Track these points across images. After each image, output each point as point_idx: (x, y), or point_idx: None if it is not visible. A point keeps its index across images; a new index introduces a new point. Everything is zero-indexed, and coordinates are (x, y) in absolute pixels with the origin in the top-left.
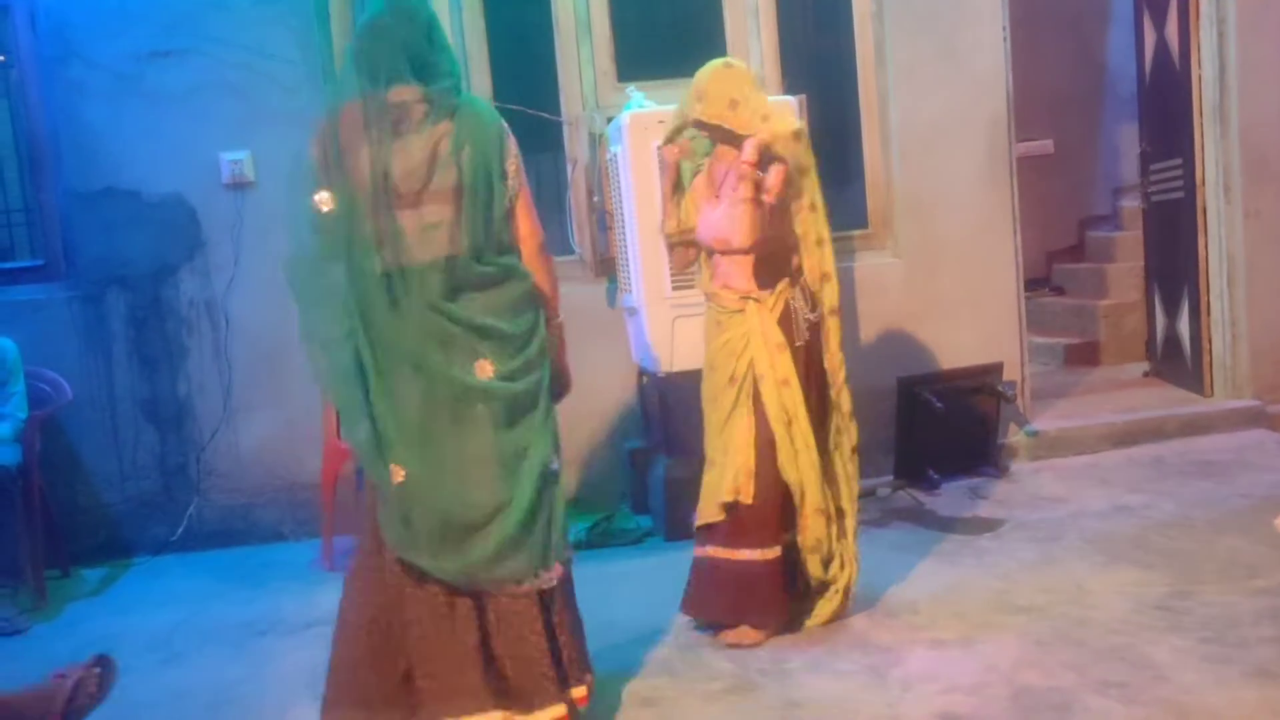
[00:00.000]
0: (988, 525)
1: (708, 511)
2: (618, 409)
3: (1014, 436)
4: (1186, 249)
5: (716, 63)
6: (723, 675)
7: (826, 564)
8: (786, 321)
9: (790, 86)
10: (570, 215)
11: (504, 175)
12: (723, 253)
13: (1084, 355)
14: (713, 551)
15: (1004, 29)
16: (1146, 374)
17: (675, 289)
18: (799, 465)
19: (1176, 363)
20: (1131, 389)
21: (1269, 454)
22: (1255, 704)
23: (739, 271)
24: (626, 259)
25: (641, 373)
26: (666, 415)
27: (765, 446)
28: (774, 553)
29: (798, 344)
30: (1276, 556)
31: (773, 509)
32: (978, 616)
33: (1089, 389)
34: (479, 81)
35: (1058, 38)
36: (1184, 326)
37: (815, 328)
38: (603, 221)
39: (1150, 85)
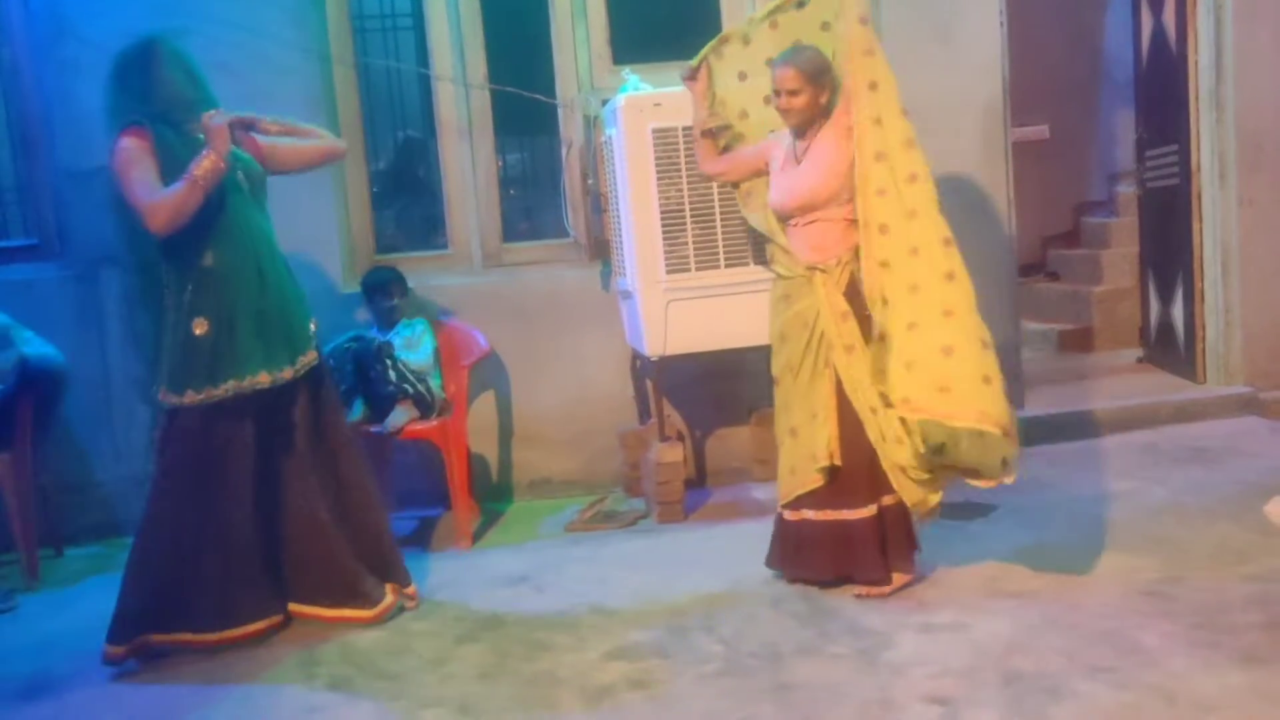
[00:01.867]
0: (979, 510)
1: (803, 479)
2: (611, 392)
3: None
4: (1181, 236)
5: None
6: (714, 658)
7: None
8: (852, 292)
9: None
10: (565, 198)
11: None
12: (795, 221)
13: (1078, 341)
14: (811, 515)
15: (1001, 14)
16: (1140, 360)
17: (670, 272)
18: (874, 428)
19: (1170, 349)
20: (1125, 375)
21: (1260, 440)
22: (1243, 689)
23: (805, 243)
24: (621, 242)
25: (635, 356)
26: (660, 399)
27: (846, 411)
28: (869, 512)
29: (866, 313)
30: (1266, 543)
31: (864, 470)
32: (969, 601)
33: (1082, 375)
34: (473, 64)
35: (1055, 23)
36: (1178, 313)
37: None
38: (597, 204)
39: (1147, 71)
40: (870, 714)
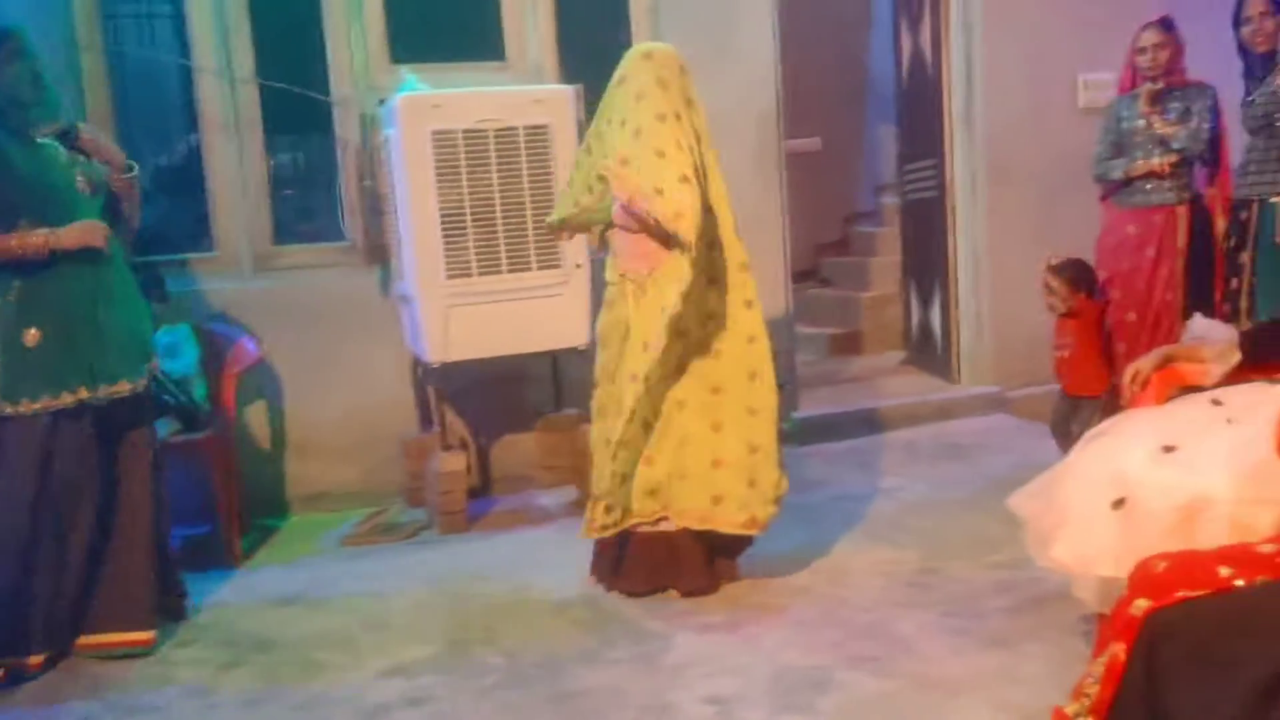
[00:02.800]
0: None
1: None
2: (392, 400)
3: (781, 424)
4: (938, 245)
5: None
6: (494, 670)
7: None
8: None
9: (568, 76)
10: (341, 200)
11: None
12: (619, 225)
13: (848, 344)
14: (634, 527)
15: (774, 28)
16: (903, 362)
17: (450, 277)
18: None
19: (929, 352)
20: (890, 376)
21: (1009, 436)
22: (991, 672)
23: (623, 249)
24: (400, 246)
25: (417, 362)
26: (442, 406)
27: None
28: None
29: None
30: (1012, 533)
31: None
32: (746, 599)
33: (852, 377)
34: (239, 57)
35: (825, 39)
36: (936, 318)
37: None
38: (375, 206)
39: (907, 89)
40: (649, 717)
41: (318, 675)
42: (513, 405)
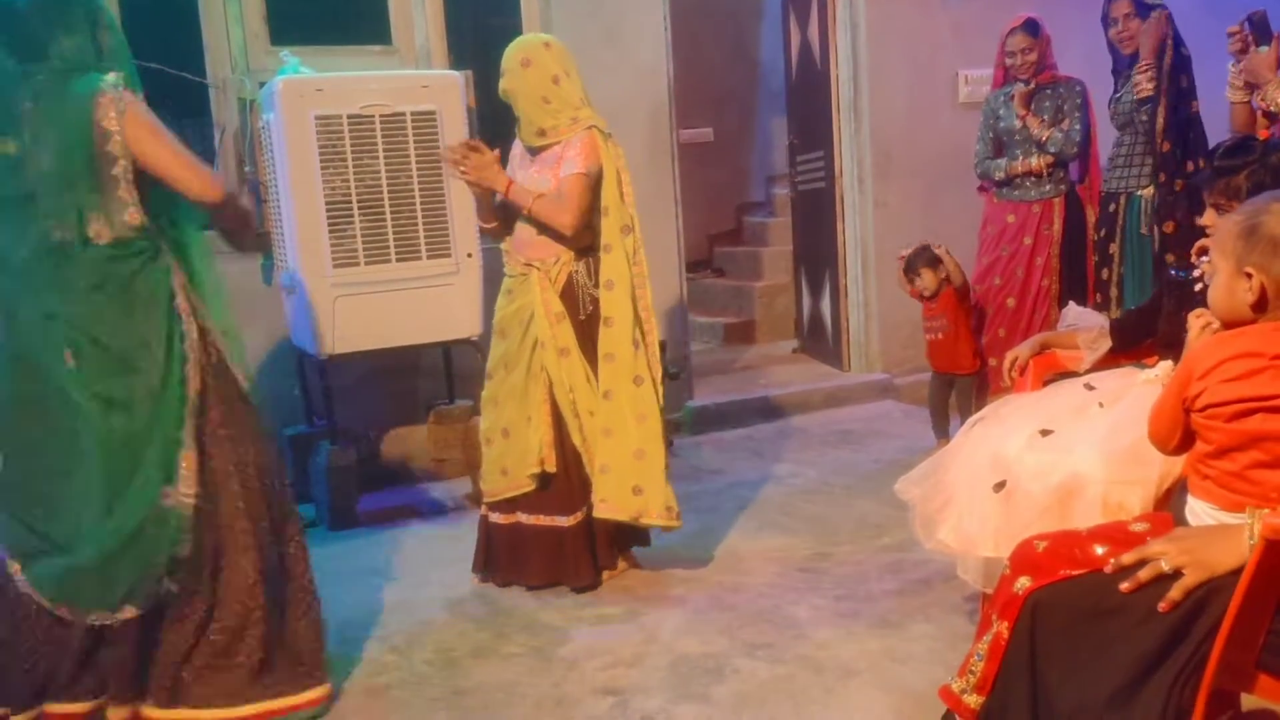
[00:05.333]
0: None
1: (516, 481)
2: (276, 393)
3: (676, 413)
4: (828, 235)
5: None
6: (386, 669)
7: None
8: (570, 293)
9: (457, 62)
10: None
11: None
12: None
13: (741, 333)
14: (525, 519)
15: (665, 19)
16: (795, 350)
17: (337, 266)
18: (584, 432)
19: (820, 340)
20: (782, 365)
21: (895, 422)
22: (878, 653)
23: (528, 237)
24: (283, 234)
25: (301, 355)
26: (330, 399)
27: (560, 416)
28: (580, 517)
29: (581, 317)
30: (899, 516)
31: (575, 475)
32: (642, 589)
33: (745, 365)
34: (106, 34)
35: (715, 31)
36: (826, 307)
37: (599, 302)
38: (256, 193)
39: (796, 81)
40: (545, 711)
41: None
42: (404, 397)
